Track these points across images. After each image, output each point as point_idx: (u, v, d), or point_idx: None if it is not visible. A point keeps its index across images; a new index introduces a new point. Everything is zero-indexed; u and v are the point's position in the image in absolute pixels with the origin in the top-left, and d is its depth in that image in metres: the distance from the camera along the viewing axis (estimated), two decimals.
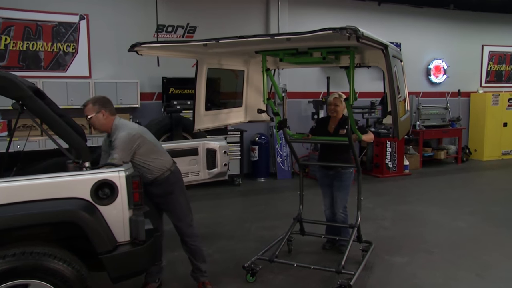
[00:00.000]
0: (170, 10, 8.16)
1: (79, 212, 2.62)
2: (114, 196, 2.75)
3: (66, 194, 2.67)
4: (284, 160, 8.84)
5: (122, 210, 2.78)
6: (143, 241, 2.85)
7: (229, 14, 8.60)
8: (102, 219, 2.71)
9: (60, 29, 7.45)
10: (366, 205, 6.11)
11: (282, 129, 4.18)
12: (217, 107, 4.63)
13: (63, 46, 7.50)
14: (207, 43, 3.19)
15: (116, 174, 2.76)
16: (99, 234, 2.68)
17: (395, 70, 3.40)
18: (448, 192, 7.62)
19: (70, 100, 7.18)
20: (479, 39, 11.32)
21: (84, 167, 2.91)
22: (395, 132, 3.30)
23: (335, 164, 4.44)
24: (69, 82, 7.26)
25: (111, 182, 2.73)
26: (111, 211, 2.75)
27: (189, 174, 4.49)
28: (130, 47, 3.40)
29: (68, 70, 7.56)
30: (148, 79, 8.03)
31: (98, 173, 2.75)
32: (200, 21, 8.38)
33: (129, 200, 2.80)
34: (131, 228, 2.82)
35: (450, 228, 5.58)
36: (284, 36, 2.87)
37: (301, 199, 4.62)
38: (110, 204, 2.75)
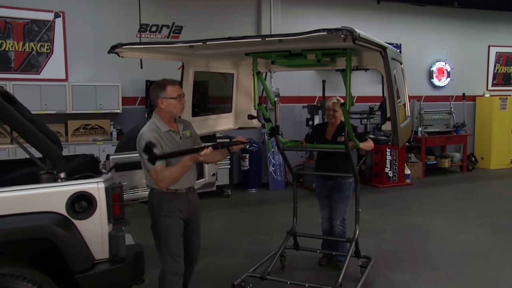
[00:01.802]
0: (155, 8, 8.17)
1: (53, 227, 2.59)
2: (92, 210, 2.74)
3: (38, 208, 2.64)
4: (276, 169, 8.85)
5: (101, 225, 2.76)
6: (123, 259, 2.83)
7: (218, 13, 8.64)
8: (78, 235, 2.69)
9: (32, 27, 7.41)
10: (365, 217, 6.13)
11: (274, 136, 4.19)
12: (204, 113, 4.62)
13: (36, 46, 7.46)
14: (194, 45, 3.20)
15: (94, 186, 2.75)
16: (75, 251, 2.66)
17: (394, 73, 3.44)
18: (453, 203, 7.67)
19: (44, 104, 7.15)
20: (485, 39, 11.43)
21: (59, 178, 2.88)
22: (394, 139, 3.33)
23: (334, 173, 4.47)
24: (43, 85, 7.23)
25: (88, 195, 2.72)
26: (88, 226, 2.73)
27: None
28: (110, 48, 3.39)
29: (42, 72, 7.52)
30: (130, 82, 8.02)
31: (75, 185, 2.73)
32: (186, 21, 8.41)
33: (108, 213, 2.79)
34: (110, 244, 2.81)
35: (456, 242, 5.61)
36: (276, 38, 2.89)
37: (295, 211, 4.62)
38: (87, 218, 2.73)
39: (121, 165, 4.07)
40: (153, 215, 3.29)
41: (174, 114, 3.30)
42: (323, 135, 4.62)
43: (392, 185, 8.95)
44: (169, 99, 3.21)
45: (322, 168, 4.65)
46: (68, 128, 7.55)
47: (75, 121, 7.58)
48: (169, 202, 3.26)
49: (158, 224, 3.26)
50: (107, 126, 7.79)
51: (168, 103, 3.22)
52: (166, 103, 3.22)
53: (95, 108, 7.52)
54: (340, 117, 4.49)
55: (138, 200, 4.36)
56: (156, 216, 3.27)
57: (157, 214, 3.26)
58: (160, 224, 3.25)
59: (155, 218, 3.28)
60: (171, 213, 3.25)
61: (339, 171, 4.45)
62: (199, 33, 7.99)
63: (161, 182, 3.10)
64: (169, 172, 3.09)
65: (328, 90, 8.87)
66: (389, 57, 3.24)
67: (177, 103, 3.25)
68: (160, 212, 3.24)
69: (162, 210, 3.24)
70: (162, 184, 3.11)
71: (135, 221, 5.89)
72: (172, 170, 3.09)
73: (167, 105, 3.23)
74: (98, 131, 7.74)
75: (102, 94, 7.54)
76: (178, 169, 3.10)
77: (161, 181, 3.09)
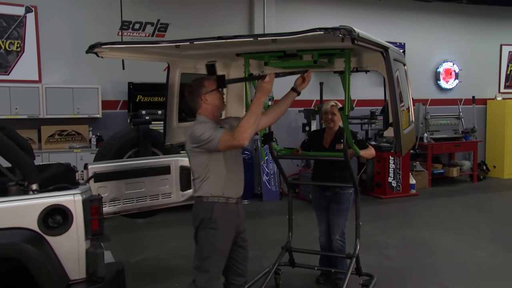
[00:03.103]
0: (138, 4, 8.21)
1: (22, 245, 2.57)
2: (68, 225, 2.73)
3: (6, 224, 2.62)
4: (270, 179, 8.87)
5: (77, 241, 2.76)
6: (102, 278, 2.82)
7: (206, 10, 8.68)
8: (51, 253, 2.68)
9: (0, 23, 7.39)
10: (366, 231, 6.14)
11: (267, 144, 4.20)
12: (192, 118, 4.63)
13: (5, 44, 7.43)
14: (180, 44, 3.20)
15: (70, 198, 2.74)
16: (47, 272, 2.64)
17: (397, 75, 3.47)
18: (463, 216, 7.71)
19: (14, 108, 7.13)
20: (497, 38, 11.54)
21: (31, 190, 2.87)
22: (397, 147, 3.34)
23: (333, 183, 4.49)
24: (13, 87, 7.22)
25: (63, 208, 2.71)
26: (63, 243, 2.72)
27: (160, 196, 4.48)
28: (88, 48, 3.39)
29: (12, 72, 7.50)
30: (111, 84, 8.02)
31: (48, 197, 2.72)
32: (172, 18, 8.44)
33: (86, 228, 2.78)
34: (87, 263, 2.80)
35: (466, 258, 5.63)
36: (269, 37, 2.89)
37: (290, 224, 4.63)
38: (62, 234, 2.72)
39: (101, 175, 4.07)
40: (199, 226, 3.28)
41: (219, 108, 3.37)
42: (320, 142, 4.64)
43: (395, 196, 8.99)
44: (210, 92, 3.29)
45: (319, 177, 4.67)
46: (41, 134, 7.53)
47: (50, 127, 7.56)
48: (220, 213, 3.25)
49: (204, 237, 3.25)
50: (85, 132, 7.77)
51: (211, 97, 3.29)
52: (209, 97, 3.29)
53: (71, 113, 7.51)
54: (339, 121, 4.53)
55: (119, 213, 4.35)
56: (202, 228, 3.26)
57: (204, 225, 3.25)
58: (206, 237, 3.25)
59: (201, 229, 3.27)
60: (220, 227, 3.25)
61: (338, 181, 4.48)
62: (186, 32, 8.03)
63: (241, 134, 3.03)
64: (244, 120, 3.08)
65: (326, 93, 8.91)
66: (391, 58, 3.26)
67: (220, 95, 3.34)
68: (208, 224, 3.23)
69: (211, 222, 3.23)
70: (245, 135, 3.04)
71: (115, 236, 5.90)
72: (246, 117, 3.10)
73: (211, 100, 3.29)
74: (75, 137, 7.72)
75: (80, 97, 7.53)
76: (253, 109, 3.10)
77: (242, 132, 3.04)
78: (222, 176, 3.26)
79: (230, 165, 3.31)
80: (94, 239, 2.84)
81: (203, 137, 3.13)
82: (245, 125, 3.06)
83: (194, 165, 3.28)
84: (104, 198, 3.75)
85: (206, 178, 3.25)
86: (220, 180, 3.26)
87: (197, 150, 3.20)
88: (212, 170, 3.23)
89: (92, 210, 2.83)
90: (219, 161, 3.25)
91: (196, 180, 3.30)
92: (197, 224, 3.29)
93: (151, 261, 5.63)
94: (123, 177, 4.24)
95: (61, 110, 7.43)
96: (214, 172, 3.24)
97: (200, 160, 3.23)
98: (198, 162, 3.24)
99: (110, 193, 4.12)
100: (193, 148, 3.21)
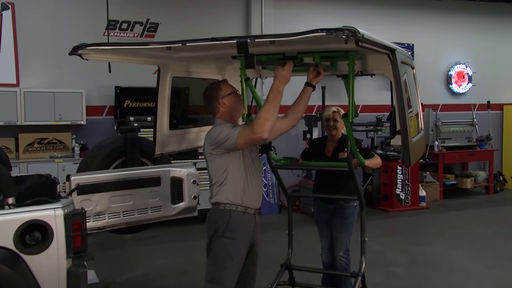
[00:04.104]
0: (126, 2, 8.25)
1: None
2: (47, 242, 2.71)
3: None
4: (269, 190, 8.88)
5: (58, 260, 2.74)
6: None
7: (200, 9, 8.73)
8: (28, 273, 2.66)
9: None
10: (372, 247, 6.15)
11: (265, 153, 4.21)
12: (184, 125, 4.64)
13: None
14: (172, 46, 3.21)
15: (50, 213, 2.73)
16: None
17: (404, 79, 3.49)
18: (478, 231, 7.70)
19: None
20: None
21: (6, 205, 2.85)
22: (405, 156, 3.35)
23: (336, 196, 4.50)
24: None
25: (43, 224, 2.70)
26: (42, 262, 2.70)
27: (149, 210, 4.47)
28: (71, 49, 3.40)
29: None
30: (96, 88, 8.04)
31: (26, 212, 2.71)
32: (163, 17, 8.48)
33: (67, 246, 2.77)
34: (69, 284, 2.78)
35: (482, 278, 5.62)
36: (267, 39, 2.90)
37: (290, 240, 4.63)
38: (41, 252, 2.70)
39: (85, 187, 4.06)
40: (215, 234, 3.33)
41: (238, 111, 3.50)
42: (322, 151, 4.66)
43: (404, 209, 9.00)
44: (228, 95, 3.42)
45: (321, 189, 4.68)
46: (19, 143, 7.53)
47: (28, 135, 7.56)
48: (238, 222, 3.33)
49: (219, 246, 3.31)
50: (68, 140, 7.77)
51: (229, 100, 3.43)
52: (227, 101, 3.42)
53: (53, 119, 7.51)
54: (342, 129, 4.56)
55: (105, 228, 4.34)
56: (217, 236, 3.32)
57: (219, 234, 3.31)
58: (221, 246, 3.30)
59: (216, 238, 3.32)
60: (237, 236, 3.32)
61: (342, 193, 4.49)
62: (178, 32, 8.07)
63: (261, 126, 3.09)
64: (262, 111, 3.14)
65: (329, 98, 8.96)
66: (399, 60, 3.27)
67: (238, 98, 3.48)
68: (225, 233, 3.29)
69: (228, 231, 3.29)
70: (264, 127, 3.10)
71: (100, 254, 5.89)
72: (264, 108, 3.16)
73: (229, 103, 3.43)
74: (56, 146, 7.72)
75: (62, 102, 7.54)
76: (271, 99, 3.17)
77: (261, 124, 3.09)
78: (241, 182, 3.35)
79: (249, 171, 3.40)
80: (77, 258, 2.82)
81: (221, 136, 3.24)
82: (263, 116, 3.12)
83: (212, 169, 3.38)
84: (88, 212, 3.75)
85: (224, 183, 3.33)
86: (239, 186, 3.34)
87: (216, 152, 3.29)
88: (230, 175, 3.32)
89: (75, 225, 2.82)
90: (238, 166, 3.33)
91: (214, 186, 3.39)
92: (212, 233, 3.34)
93: (139, 280, 5.60)
94: (109, 189, 4.24)
95: (41, 116, 7.43)
96: (232, 177, 3.32)
97: (219, 163, 3.32)
98: (217, 166, 3.33)
99: (94, 206, 4.12)
100: (212, 150, 3.30)
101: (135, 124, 7.11)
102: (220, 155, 3.30)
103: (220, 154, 3.30)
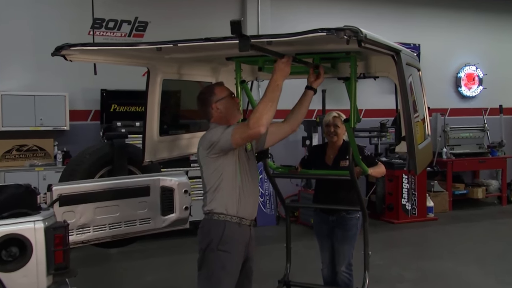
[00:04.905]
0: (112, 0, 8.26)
1: None
2: (26, 258, 2.70)
3: None
4: (266, 200, 8.89)
5: (37, 277, 2.72)
6: None
7: (192, 7, 8.77)
8: None
9: None
10: (376, 262, 6.15)
11: (262, 160, 4.22)
12: (175, 131, 4.66)
13: None
14: (162, 47, 3.23)
15: (29, 226, 2.72)
16: None
17: (410, 82, 3.51)
18: (491, 244, 7.70)
19: None
20: None
21: None
22: (411, 164, 3.35)
23: (337, 206, 4.52)
24: None
25: (21, 238, 2.69)
26: (19, 280, 2.68)
27: (137, 222, 4.47)
28: (54, 50, 3.40)
29: None
30: (81, 91, 8.05)
31: (3, 226, 2.69)
32: (153, 15, 8.51)
33: (48, 262, 2.75)
34: None
35: None
36: (263, 39, 2.91)
37: (288, 254, 4.65)
38: (18, 269, 2.69)
39: (68, 197, 4.06)
40: (208, 247, 3.34)
41: (234, 116, 3.51)
42: (322, 159, 4.69)
43: (410, 221, 9.00)
44: (222, 99, 3.44)
45: (321, 199, 4.71)
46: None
47: (6, 141, 7.55)
48: (233, 234, 3.34)
49: (213, 260, 3.32)
50: (49, 147, 7.77)
51: (223, 105, 3.45)
52: (221, 105, 3.44)
53: (33, 125, 7.51)
54: (343, 135, 4.58)
55: (89, 242, 4.34)
56: (211, 249, 3.32)
57: (213, 247, 3.31)
58: (215, 259, 3.31)
59: (210, 251, 3.33)
60: (232, 249, 3.33)
61: (343, 203, 4.51)
62: (169, 32, 8.10)
63: (258, 120, 3.12)
64: (260, 105, 3.17)
65: (329, 102, 8.99)
66: (404, 62, 3.28)
67: (233, 102, 3.50)
68: (219, 246, 3.30)
69: (222, 243, 3.30)
70: (261, 121, 3.13)
71: (84, 270, 5.87)
72: (261, 102, 3.19)
73: (224, 107, 3.44)
74: (37, 153, 7.72)
75: (44, 106, 7.54)
76: (269, 93, 3.20)
77: (258, 118, 3.12)
78: (237, 191, 3.37)
79: (245, 179, 3.42)
80: (58, 274, 2.81)
81: (215, 136, 3.28)
82: (261, 110, 3.15)
83: (206, 175, 3.39)
84: (71, 224, 3.73)
85: (218, 189, 3.35)
86: (234, 194, 3.36)
87: (211, 156, 3.31)
88: (226, 182, 3.34)
89: (56, 239, 2.80)
90: (234, 173, 3.35)
91: (208, 193, 3.40)
92: (205, 245, 3.35)
93: None
94: (94, 200, 4.23)
95: (20, 122, 7.43)
96: (228, 184, 3.35)
97: (214, 168, 3.33)
98: (211, 171, 3.35)
99: (78, 218, 4.10)
100: (207, 153, 3.32)
101: (122, 130, 7.12)
102: (216, 159, 3.31)
103: (215, 158, 3.31)
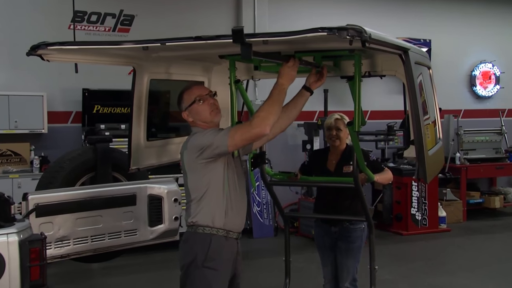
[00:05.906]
0: None
1: None
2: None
3: None
4: (263, 210, 8.90)
5: None
6: None
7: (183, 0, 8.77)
8: None
9: None
10: (384, 277, 6.17)
11: (259, 167, 4.24)
12: (164, 135, 4.67)
13: None
14: (149, 46, 3.22)
15: (2, 240, 2.72)
16: None
17: (419, 81, 3.53)
18: (509, 259, 7.69)
19: None
20: None
21: None
22: (420, 171, 3.36)
23: (340, 217, 4.53)
24: None
25: None
26: None
27: (122, 234, 4.49)
28: (30, 49, 3.38)
29: None
30: (60, 91, 8.05)
31: None
32: (139, 8, 8.48)
33: (22, 279, 2.75)
34: None
35: None
36: (259, 38, 2.91)
37: (287, 268, 4.64)
38: None
39: (45, 207, 4.06)
40: (192, 263, 3.29)
41: (210, 120, 3.45)
42: (324, 165, 4.70)
43: (420, 232, 9.01)
44: (189, 107, 3.42)
45: (323, 209, 4.72)
46: None
47: None
48: (220, 249, 3.31)
49: (198, 278, 3.28)
50: (25, 152, 7.76)
51: (193, 111, 3.43)
52: (190, 112, 3.43)
53: (7, 127, 7.50)
54: (346, 138, 4.60)
55: (69, 256, 4.34)
56: (196, 266, 3.28)
57: (198, 263, 3.27)
58: (201, 278, 3.27)
59: (194, 268, 3.28)
60: (219, 266, 3.30)
61: (347, 213, 4.52)
62: (156, 25, 8.08)
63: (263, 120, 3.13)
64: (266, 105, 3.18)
65: (332, 103, 9.01)
66: (412, 61, 3.27)
67: (204, 106, 3.43)
68: (205, 262, 3.27)
69: (208, 260, 3.27)
70: (267, 121, 3.14)
71: (62, 287, 5.87)
72: (267, 103, 3.20)
73: (194, 114, 3.43)
74: (11, 159, 7.71)
75: (19, 107, 7.53)
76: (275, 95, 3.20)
77: (264, 118, 3.13)
78: (224, 201, 3.35)
79: (233, 188, 3.40)
80: None
81: (206, 140, 3.25)
82: (267, 110, 3.16)
83: (191, 182, 3.37)
84: (49, 237, 3.72)
85: (204, 198, 3.32)
86: (221, 204, 3.34)
87: (200, 162, 3.27)
88: (212, 190, 3.32)
89: (32, 254, 2.81)
90: (221, 182, 3.33)
91: (192, 202, 3.37)
92: (188, 262, 3.31)
93: None
94: (75, 210, 4.24)
95: None
96: (214, 192, 3.33)
97: (201, 175, 3.30)
98: (198, 178, 3.32)
99: (57, 230, 4.10)
100: (196, 158, 3.28)
101: (106, 133, 7.13)
102: (205, 165, 3.28)
103: (204, 164, 3.28)
